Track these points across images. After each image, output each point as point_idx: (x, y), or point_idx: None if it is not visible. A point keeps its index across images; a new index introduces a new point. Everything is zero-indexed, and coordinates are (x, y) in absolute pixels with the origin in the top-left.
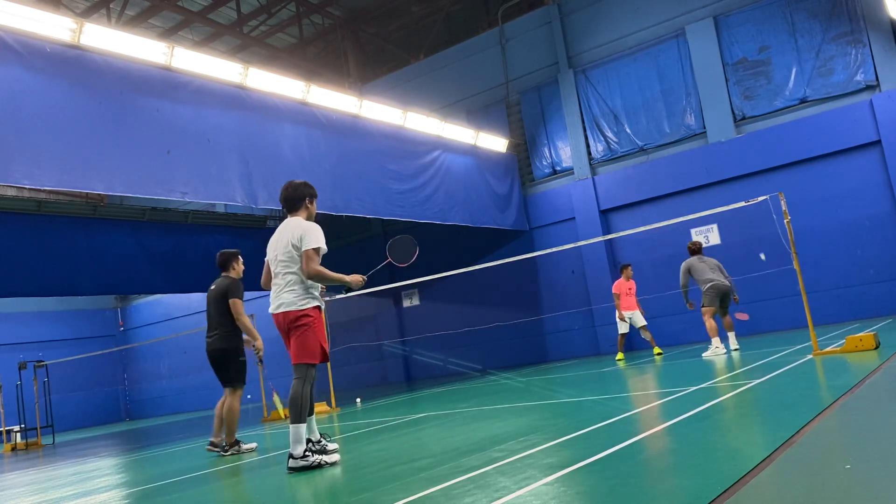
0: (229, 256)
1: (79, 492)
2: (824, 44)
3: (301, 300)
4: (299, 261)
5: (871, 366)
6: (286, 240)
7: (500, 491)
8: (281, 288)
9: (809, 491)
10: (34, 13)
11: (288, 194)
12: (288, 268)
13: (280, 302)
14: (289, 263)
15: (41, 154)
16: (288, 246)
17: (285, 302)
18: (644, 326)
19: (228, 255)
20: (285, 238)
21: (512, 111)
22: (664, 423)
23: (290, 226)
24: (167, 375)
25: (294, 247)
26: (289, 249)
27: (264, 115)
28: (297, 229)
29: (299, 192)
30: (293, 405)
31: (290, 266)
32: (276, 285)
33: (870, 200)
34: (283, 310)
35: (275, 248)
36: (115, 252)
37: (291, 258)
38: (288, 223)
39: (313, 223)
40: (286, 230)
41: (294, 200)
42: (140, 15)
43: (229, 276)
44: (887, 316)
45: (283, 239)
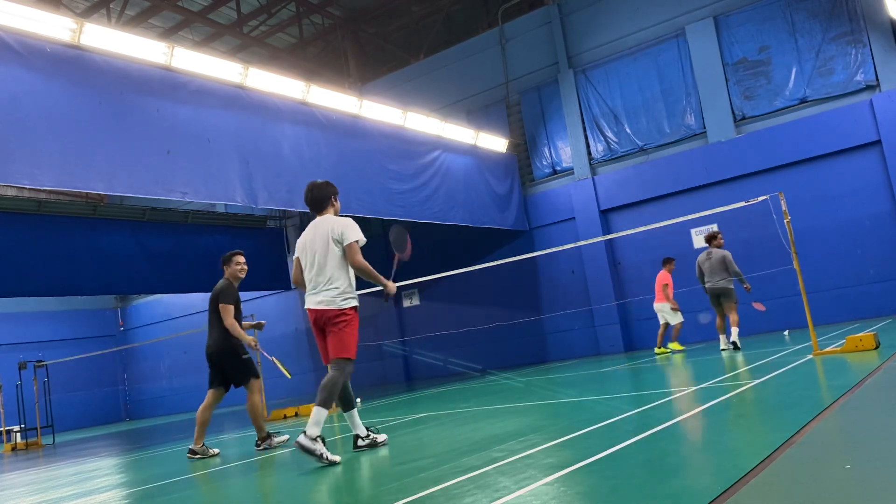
0: (226, 258)
1: (79, 492)
2: (824, 44)
3: (341, 299)
4: (340, 256)
5: (871, 366)
6: (325, 236)
7: (500, 491)
8: (320, 286)
9: (809, 491)
10: (34, 13)
11: (314, 195)
12: (326, 265)
13: (319, 299)
14: (327, 260)
15: (41, 154)
16: (328, 242)
17: (325, 300)
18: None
19: (225, 257)
20: (324, 235)
21: (512, 111)
22: (664, 423)
23: (327, 222)
24: (167, 375)
25: (336, 241)
26: (329, 246)
27: (264, 115)
28: (335, 225)
29: (324, 191)
30: (324, 389)
31: (329, 263)
32: (314, 283)
33: (870, 200)
34: (322, 307)
35: (311, 246)
36: (115, 252)
37: (332, 254)
38: (321, 221)
39: (348, 218)
40: (322, 227)
41: (321, 200)
42: (140, 15)
43: (229, 279)
44: (887, 316)
45: (320, 236)
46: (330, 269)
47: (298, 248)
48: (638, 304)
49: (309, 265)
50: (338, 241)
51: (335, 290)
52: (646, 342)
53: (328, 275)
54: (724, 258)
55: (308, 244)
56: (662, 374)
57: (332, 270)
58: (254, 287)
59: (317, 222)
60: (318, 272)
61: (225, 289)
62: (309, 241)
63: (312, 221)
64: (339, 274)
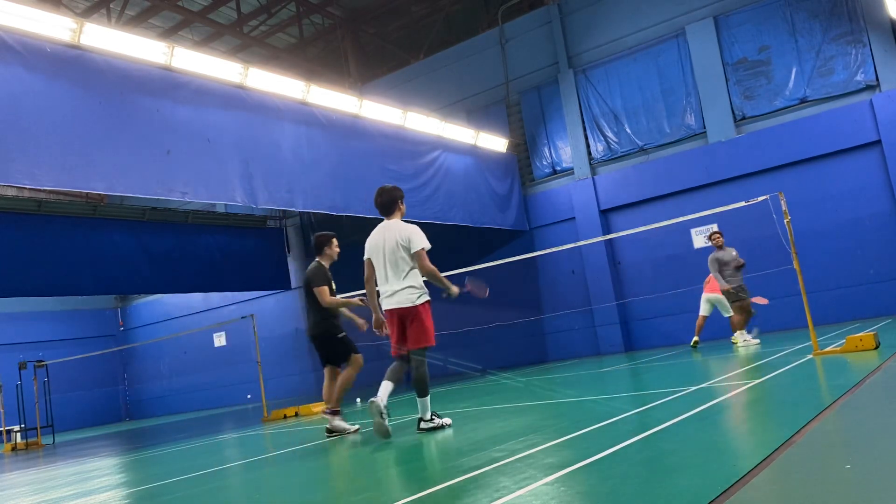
0: (323, 240)
1: (79, 492)
2: (824, 44)
3: (416, 297)
4: (408, 260)
5: (871, 366)
6: (393, 241)
7: (500, 491)
8: (395, 286)
9: (809, 491)
10: (34, 13)
11: (384, 200)
12: (398, 267)
13: (396, 300)
14: (399, 263)
15: (41, 154)
16: (396, 247)
17: (401, 300)
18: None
19: (322, 239)
20: (392, 240)
21: (512, 111)
22: (664, 423)
23: (394, 228)
24: (167, 375)
25: (403, 248)
26: (397, 250)
27: (264, 115)
28: (403, 231)
29: (393, 195)
30: (420, 382)
31: (401, 265)
32: (388, 283)
33: (870, 200)
34: (401, 306)
35: (381, 249)
36: (115, 252)
37: (402, 258)
38: (389, 225)
39: (414, 225)
40: (390, 232)
41: (390, 204)
42: (140, 15)
43: (320, 261)
44: (887, 316)
45: (389, 240)
46: (402, 272)
47: (368, 250)
48: (638, 304)
49: (381, 267)
50: (405, 247)
51: (409, 290)
52: (646, 342)
53: (401, 277)
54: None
55: (379, 247)
56: (662, 374)
57: (404, 273)
58: (254, 287)
59: (386, 225)
60: (393, 276)
61: (316, 272)
62: (376, 244)
63: (381, 224)
64: (411, 275)
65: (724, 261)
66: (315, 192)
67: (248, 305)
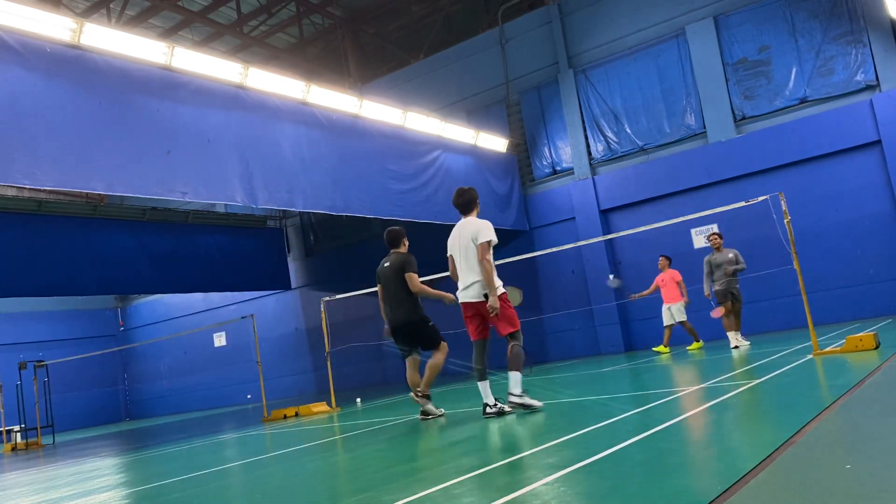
0: (399, 233)
1: (79, 492)
2: (824, 44)
3: (484, 291)
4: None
5: (871, 366)
6: (468, 236)
7: (500, 491)
8: (468, 279)
9: (809, 491)
10: (34, 13)
11: (463, 200)
12: (470, 261)
13: (472, 294)
14: (470, 257)
15: (41, 154)
16: (470, 242)
17: (475, 293)
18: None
19: (399, 232)
20: (467, 235)
21: (512, 111)
22: (664, 423)
23: (470, 224)
24: (167, 375)
25: (473, 241)
26: (470, 245)
27: (264, 115)
28: (475, 226)
29: (471, 195)
30: (516, 359)
31: (472, 259)
32: (464, 278)
33: (870, 200)
34: (474, 300)
35: (458, 245)
36: (115, 252)
37: (472, 252)
38: (465, 222)
39: (486, 220)
40: (466, 228)
41: (468, 204)
42: (140, 15)
43: (400, 251)
44: (887, 316)
45: (465, 236)
46: (473, 266)
47: (450, 247)
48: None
49: (459, 262)
50: (475, 240)
51: (480, 284)
52: (646, 342)
53: (473, 270)
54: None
55: (455, 243)
56: (662, 374)
57: (475, 267)
58: (254, 287)
59: (463, 222)
60: (467, 269)
61: (411, 259)
62: (455, 240)
63: (459, 222)
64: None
65: (716, 263)
66: (315, 192)
67: (248, 305)
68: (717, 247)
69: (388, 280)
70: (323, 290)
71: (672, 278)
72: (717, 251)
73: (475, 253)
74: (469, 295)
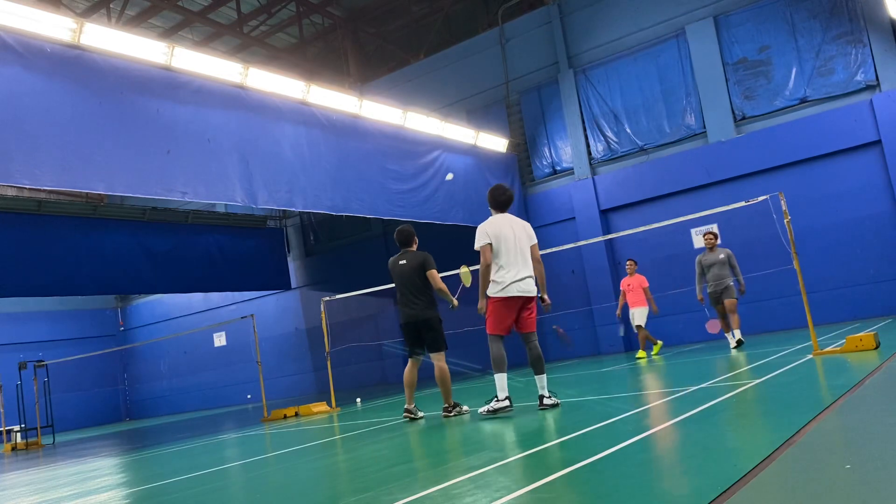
0: (412, 232)
1: (79, 492)
2: (824, 44)
3: (535, 287)
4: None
5: (871, 366)
6: (524, 232)
7: (500, 491)
8: (524, 273)
9: (809, 491)
10: (34, 13)
11: (507, 197)
12: (526, 256)
13: (526, 287)
14: (526, 253)
15: (41, 154)
16: (525, 239)
17: (531, 287)
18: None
19: (411, 231)
20: (522, 231)
21: (512, 111)
22: (664, 423)
23: (520, 221)
24: (167, 375)
25: (529, 239)
26: (526, 241)
27: (264, 115)
28: (527, 226)
29: (511, 194)
30: (539, 360)
31: (527, 255)
32: (517, 271)
33: (870, 200)
34: (529, 294)
35: (513, 236)
36: (115, 252)
37: (527, 249)
38: (513, 219)
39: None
40: (517, 224)
41: (510, 201)
42: (140, 15)
43: (413, 249)
44: (887, 316)
45: (519, 230)
46: (528, 261)
47: (493, 236)
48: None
49: (510, 253)
50: (531, 238)
51: (532, 279)
52: None
53: (529, 265)
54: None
55: (507, 236)
56: (662, 374)
57: (529, 263)
58: (254, 287)
59: (508, 218)
60: (523, 264)
61: (430, 257)
62: (508, 234)
63: (500, 216)
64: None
65: (707, 263)
66: (315, 192)
67: (248, 305)
68: (711, 246)
69: (405, 277)
70: (323, 290)
71: (639, 283)
72: (710, 251)
73: (528, 250)
74: (523, 288)
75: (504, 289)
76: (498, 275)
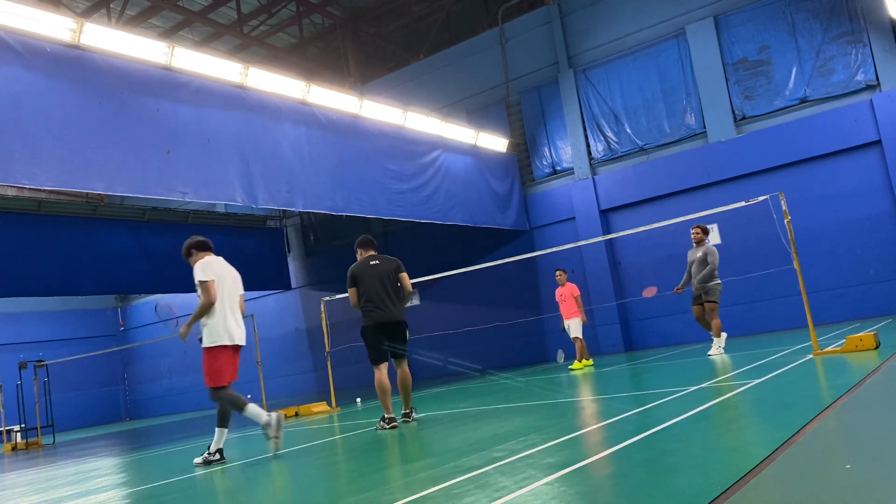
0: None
1: (79, 492)
2: (824, 44)
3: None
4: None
5: (871, 366)
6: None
7: (500, 491)
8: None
9: (809, 491)
10: (34, 13)
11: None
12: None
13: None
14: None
15: (41, 154)
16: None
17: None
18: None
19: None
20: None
21: (512, 111)
22: (664, 423)
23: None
24: (167, 375)
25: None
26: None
27: (264, 114)
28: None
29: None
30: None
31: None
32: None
33: (870, 200)
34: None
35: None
36: (116, 252)
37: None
38: (380, 257)
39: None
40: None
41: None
42: (140, 15)
43: (376, 253)
44: (887, 316)
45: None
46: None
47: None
48: (638, 304)
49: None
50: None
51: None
52: (646, 342)
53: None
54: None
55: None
56: (662, 374)
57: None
58: (254, 287)
59: (378, 257)
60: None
61: (401, 262)
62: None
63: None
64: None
65: (689, 259)
66: (315, 192)
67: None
68: (697, 242)
69: (381, 279)
70: (323, 290)
71: (571, 293)
72: (698, 245)
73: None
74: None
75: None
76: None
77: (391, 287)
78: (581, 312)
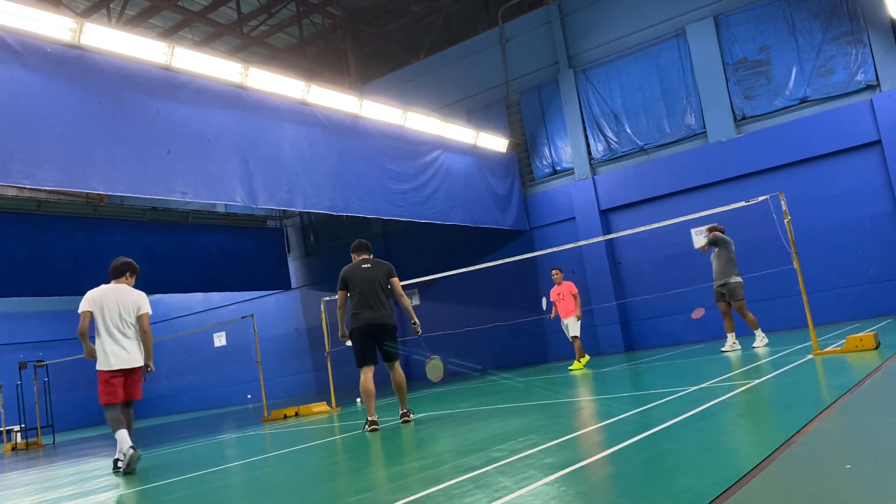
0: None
1: (79, 492)
2: (824, 44)
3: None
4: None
5: (871, 366)
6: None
7: (500, 491)
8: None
9: (809, 491)
10: (34, 13)
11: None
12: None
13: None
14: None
15: (41, 154)
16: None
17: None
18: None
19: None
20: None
21: (512, 111)
22: (664, 423)
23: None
24: (167, 375)
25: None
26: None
27: (264, 115)
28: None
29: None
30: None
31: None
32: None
33: (870, 200)
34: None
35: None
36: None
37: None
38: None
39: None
40: (120, 293)
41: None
42: (140, 15)
43: (370, 257)
44: (887, 316)
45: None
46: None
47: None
48: (638, 304)
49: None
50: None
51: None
52: (646, 342)
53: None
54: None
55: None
56: (662, 374)
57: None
58: (254, 287)
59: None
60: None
61: (392, 266)
62: (112, 304)
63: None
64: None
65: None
66: (315, 192)
67: (248, 305)
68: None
69: (372, 282)
70: (323, 290)
71: (569, 291)
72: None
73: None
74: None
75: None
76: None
77: (381, 291)
78: (578, 310)
